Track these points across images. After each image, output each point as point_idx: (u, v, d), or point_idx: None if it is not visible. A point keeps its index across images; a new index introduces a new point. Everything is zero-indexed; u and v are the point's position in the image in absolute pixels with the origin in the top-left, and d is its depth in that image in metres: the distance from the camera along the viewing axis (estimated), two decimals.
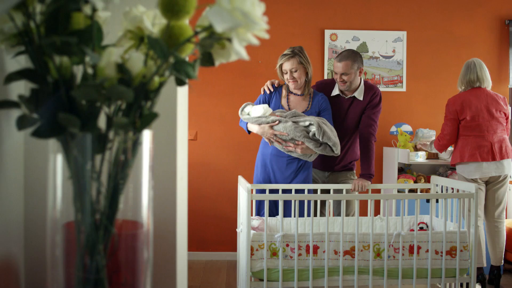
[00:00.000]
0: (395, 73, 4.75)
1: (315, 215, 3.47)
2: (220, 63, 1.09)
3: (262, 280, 2.86)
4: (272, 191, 3.31)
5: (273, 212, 3.34)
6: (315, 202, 3.47)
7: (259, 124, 3.15)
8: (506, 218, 4.77)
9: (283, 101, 3.30)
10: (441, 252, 2.94)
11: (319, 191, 3.33)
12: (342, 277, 2.88)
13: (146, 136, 0.93)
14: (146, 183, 0.95)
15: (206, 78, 4.67)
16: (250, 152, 4.45)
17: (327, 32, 4.70)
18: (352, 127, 3.44)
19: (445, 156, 4.31)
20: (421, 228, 3.36)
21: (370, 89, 3.43)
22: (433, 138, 4.49)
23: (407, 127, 4.62)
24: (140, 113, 0.91)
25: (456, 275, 2.96)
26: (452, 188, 3.30)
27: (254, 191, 3.26)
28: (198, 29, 0.89)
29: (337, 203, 3.50)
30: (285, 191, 3.28)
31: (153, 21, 0.99)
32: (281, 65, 3.26)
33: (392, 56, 4.74)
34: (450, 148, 4.33)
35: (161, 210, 1.30)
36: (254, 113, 3.19)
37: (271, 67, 4.63)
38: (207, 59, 1.01)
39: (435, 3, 4.79)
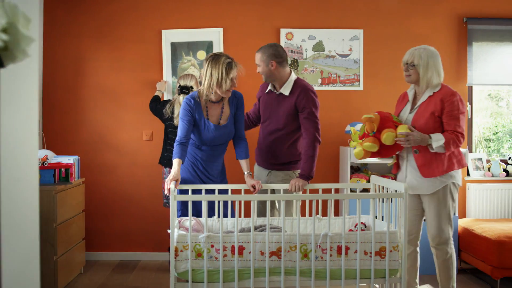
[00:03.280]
0: (352, 72, 4.72)
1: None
2: (9, 64, 1.08)
3: (188, 281, 2.85)
4: (208, 192, 3.30)
5: (214, 213, 3.34)
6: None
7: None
8: (459, 218, 4.73)
9: (205, 113, 3.26)
10: (370, 253, 2.91)
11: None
12: (268, 278, 2.85)
13: None
14: None
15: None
16: None
17: (283, 31, 4.67)
18: (284, 124, 3.41)
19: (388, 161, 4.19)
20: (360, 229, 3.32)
21: (298, 87, 3.39)
22: None
23: None
24: None
25: (386, 276, 2.93)
26: (387, 188, 3.27)
27: (190, 192, 3.25)
28: None
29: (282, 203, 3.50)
30: (221, 191, 3.27)
31: None
32: (232, 76, 3.17)
33: (348, 55, 4.70)
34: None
35: None
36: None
37: None
38: None
39: (392, 1, 4.75)
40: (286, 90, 3.41)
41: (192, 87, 4.08)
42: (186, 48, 4.63)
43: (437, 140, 3.08)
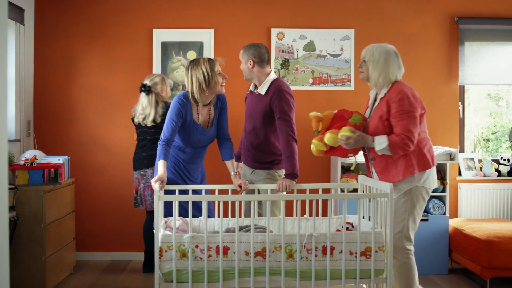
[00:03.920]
0: (343, 72, 4.71)
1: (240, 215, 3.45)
2: None
3: (172, 281, 2.84)
4: (195, 192, 3.31)
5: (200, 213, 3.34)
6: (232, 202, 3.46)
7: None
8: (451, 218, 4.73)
9: (195, 115, 3.27)
10: (356, 253, 2.91)
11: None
12: (253, 278, 2.85)
13: None
14: None
15: None
16: None
17: (274, 31, 4.67)
18: (260, 123, 3.42)
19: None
20: (347, 229, 3.32)
21: (273, 87, 3.38)
22: None
23: None
24: None
25: (371, 276, 2.92)
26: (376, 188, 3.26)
27: (177, 192, 3.25)
28: None
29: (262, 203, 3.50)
30: (206, 191, 3.28)
31: None
32: (217, 69, 3.22)
33: (340, 55, 4.70)
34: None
35: None
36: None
37: None
38: None
39: (383, 1, 4.74)
40: (262, 90, 3.43)
41: (150, 86, 4.05)
42: (177, 48, 4.64)
43: (380, 144, 2.90)
